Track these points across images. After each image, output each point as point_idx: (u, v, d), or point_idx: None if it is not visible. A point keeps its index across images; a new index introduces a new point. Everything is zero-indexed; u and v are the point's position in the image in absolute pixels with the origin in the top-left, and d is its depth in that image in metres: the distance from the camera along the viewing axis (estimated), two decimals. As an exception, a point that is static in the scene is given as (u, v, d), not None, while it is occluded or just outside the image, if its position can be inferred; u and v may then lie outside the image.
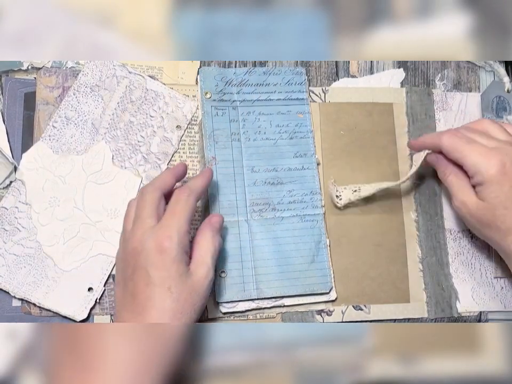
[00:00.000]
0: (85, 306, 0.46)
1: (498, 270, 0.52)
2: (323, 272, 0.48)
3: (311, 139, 0.51)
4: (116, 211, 0.48)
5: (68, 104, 0.49)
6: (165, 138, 0.50)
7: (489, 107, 0.55)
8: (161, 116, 0.50)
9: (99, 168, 0.48)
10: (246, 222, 0.49)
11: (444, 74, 0.56)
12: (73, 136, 0.48)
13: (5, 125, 0.47)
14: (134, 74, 0.50)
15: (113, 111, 0.49)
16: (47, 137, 0.48)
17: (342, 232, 0.51)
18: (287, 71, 0.52)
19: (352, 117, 0.53)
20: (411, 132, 0.53)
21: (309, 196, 0.50)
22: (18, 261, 0.46)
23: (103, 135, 0.49)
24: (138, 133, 0.49)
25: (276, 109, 0.51)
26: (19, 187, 0.47)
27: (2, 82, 0.48)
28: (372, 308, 0.49)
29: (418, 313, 0.50)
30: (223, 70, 0.51)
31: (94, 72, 0.49)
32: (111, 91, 0.49)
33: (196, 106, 0.51)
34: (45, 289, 0.45)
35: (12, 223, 0.46)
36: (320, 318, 0.49)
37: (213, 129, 0.50)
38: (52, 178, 0.47)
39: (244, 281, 0.47)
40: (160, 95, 0.50)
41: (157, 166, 0.49)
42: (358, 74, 0.55)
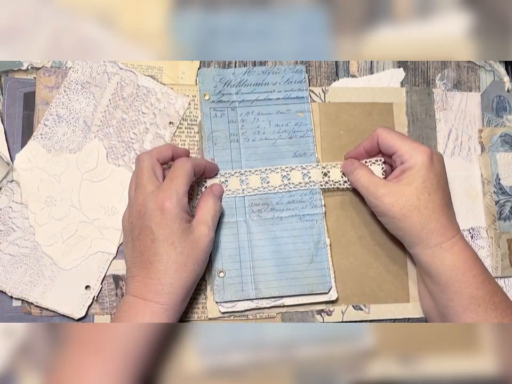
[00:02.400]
0: (82, 304, 0.46)
1: (498, 270, 0.51)
2: (322, 272, 0.48)
3: (311, 138, 0.51)
4: (113, 208, 0.48)
5: (59, 102, 0.49)
6: (157, 135, 0.50)
7: (489, 106, 0.55)
8: (154, 112, 0.50)
9: (94, 166, 0.48)
10: (244, 222, 0.49)
11: (444, 74, 0.56)
12: (65, 134, 0.48)
13: (3, 125, 0.47)
14: (125, 71, 0.50)
15: (105, 108, 0.49)
16: (39, 135, 0.48)
17: (342, 232, 0.50)
18: (286, 70, 0.52)
19: (351, 117, 0.53)
20: (411, 132, 0.53)
21: (308, 196, 0.50)
22: (14, 260, 0.46)
23: (96, 132, 0.49)
24: (130, 130, 0.49)
25: (275, 108, 0.51)
26: (12, 187, 0.47)
27: (1, 82, 0.48)
28: (371, 307, 0.49)
29: (418, 313, 0.50)
30: (222, 71, 0.51)
31: (84, 69, 0.49)
32: (102, 88, 0.49)
33: (188, 102, 0.51)
34: (42, 288, 0.46)
35: (6, 223, 0.46)
36: (320, 318, 0.49)
37: (212, 130, 0.50)
38: (47, 177, 0.47)
39: (242, 281, 0.47)
40: (152, 91, 0.50)
41: (150, 163, 0.49)
42: (358, 74, 0.55)
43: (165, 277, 0.40)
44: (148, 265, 0.40)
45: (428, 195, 0.44)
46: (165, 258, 0.40)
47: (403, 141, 0.46)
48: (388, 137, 0.46)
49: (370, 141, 0.48)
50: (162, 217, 0.40)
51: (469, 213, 0.53)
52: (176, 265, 0.40)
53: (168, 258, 0.40)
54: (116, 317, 0.41)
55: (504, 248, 0.52)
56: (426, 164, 0.44)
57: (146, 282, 0.40)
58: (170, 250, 0.40)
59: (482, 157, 0.54)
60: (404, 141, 0.46)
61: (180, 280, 0.40)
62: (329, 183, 0.50)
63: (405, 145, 0.45)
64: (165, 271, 0.40)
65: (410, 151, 0.45)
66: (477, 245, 0.52)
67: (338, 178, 0.50)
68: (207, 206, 0.45)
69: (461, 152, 0.54)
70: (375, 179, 0.46)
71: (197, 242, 0.42)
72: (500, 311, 0.43)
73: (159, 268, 0.40)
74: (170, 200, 0.41)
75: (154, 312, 0.40)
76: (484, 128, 0.54)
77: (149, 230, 0.41)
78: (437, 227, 0.44)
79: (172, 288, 0.40)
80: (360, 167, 0.47)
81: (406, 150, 0.45)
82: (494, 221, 0.52)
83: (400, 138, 0.46)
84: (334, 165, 0.50)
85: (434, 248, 0.44)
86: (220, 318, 0.48)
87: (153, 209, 0.41)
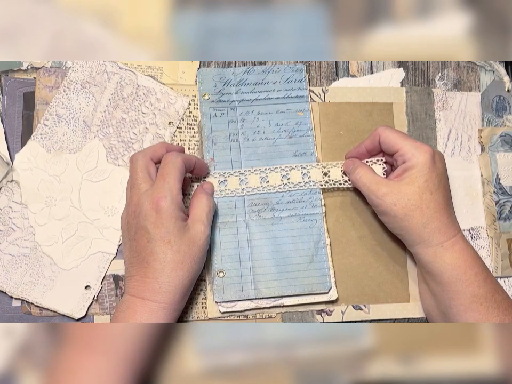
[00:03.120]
0: (82, 304, 0.46)
1: (498, 269, 0.51)
2: (322, 272, 0.48)
3: (311, 137, 0.51)
4: (113, 208, 0.48)
5: (59, 101, 0.49)
6: (157, 135, 0.50)
7: (489, 106, 0.55)
8: (153, 112, 0.50)
9: (94, 166, 0.48)
10: (244, 222, 0.48)
11: (444, 74, 0.56)
12: (65, 134, 0.48)
13: (3, 125, 0.47)
14: (125, 70, 0.50)
15: (104, 108, 0.49)
16: (39, 135, 0.48)
17: (342, 232, 0.50)
18: (286, 69, 0.52)
19: (351, 117, 0.53)
20: (411, 132, 0.53)
21: (308, 195, 0.49)
22: (14, 261, 0.46)
23: (95, 132, 0.49)
24: (130, 130, 0.49)
25: (275, 108, 0.51)
26: (12, 187, 0.47)
27: (1, 82, 0.48)
28: (371, 307, 0.49)
29: (418, 313, 0.50)
30: (222, 70, 0.51)
31: (84, 69, 0.49)
32: (101, 87, 0.49)
33: (187, 102, 0.51)
34: (42, 288, 0.46)
35: (6, 223, 0.46)
36: (320, 318, 0.49)
37: (212, 130, 0.50)
38: (47, 178, 0.47)
39: (242, 281, 0.47)
40: (152, 91, 0.50)
41: (150, 163, 0.49)
42: (358, 74, 0.55)
43: (162, 275, 0.40)
44: (145, 264, 0.41)
45: (430, 194, 0.44)
46: (162, 257, 0.40)
47: (405, 140, 0.46)
48: (389, 136, 0.46)
49: (372, 139, 0.48)
50: (157, 217, 0.40)
51: (469, 213, 0.53)
52: (173, 264, 0.40)
53: (164, 257, 0.40)
54: (114, 316, 0.41)
55: (504, 248, 0.52)
56: (428, 163, 0.44)
57: (143, 281, 0.40)
58: (167, 249, 0.40)
59: (482, 157, 0.54)
60: (406, 140, 0.46)
61: (177, 279, 0.41)
62: (329, 183, 0.50)
63: (407, 144, 0.45)
64: (162, 270, 0.40)
65: (412, 150, 0.45)
66: (477, 245, 0.52)
67: (339, 178, 0.50)
68: (201, 204, 0.45)
69: (461, 152, 0.54)
70: (376, 178, 0.46)
71: (193, 240, 0.42)
72: (501, 309, 0.43)
73: (156, 267, 0.40)
74: (165, 199, 0.41)
75: (152, 311, 0.40)
76: (484, 128, 0.54)
77: (145, 229, 0.41)
78: (438, 226, 0.44)
79: (169, 287, 0.40)
80: (361, 166, 0.47)
81: (408, 149, 0.45)
82: (494, 221, 0.52)
83: (402, 137, 0.46)
84: (335, 165, 0.50)
85: (436, 247, 0.44)
86: (219, 318, 0.48)
87: (148, 209, 0.41)
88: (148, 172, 0.43)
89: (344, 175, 0.50)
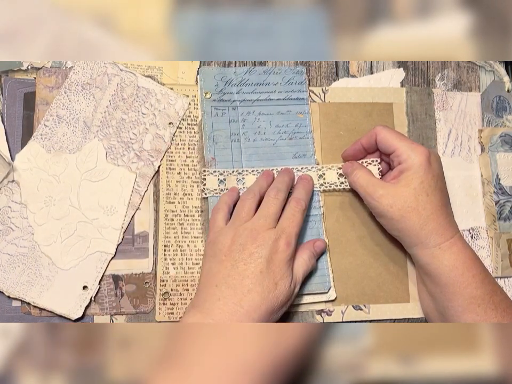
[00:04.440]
0: (80, 304, 0.46)
1: (498, 270, 0.51)
2: (321, 272, 0.48)
3: (311, 139, 0.51)
4: (112, 208, 0.48)
5: (59, 102, 0.49)
6: (157, 135, 0.50)
7: (489, 107, 0.55)
8: (153, 113, 0.50)
9: (93, 166, 0.48)
10: (245, 222, 0.49)
11: (444, 74, 0.56)
12: (65, 134, 0.48)
13: (4, 125, 0.47)
14: (125, 72, 0.50)
15: (105, 109, 0.49)
16: (39, 136, 0.48)
17: (342, 232, 0.50)
18: (287, 70, 0.52)
19: (351, 117, 0.53)
20: (411, 132, 0.53)
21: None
22: (12, 260, 0.46)
23: (95, 133, 0.49)
24: (130, 130, 0.49)
25: (275, 109, 0.51)
26: (12, 186, 0.47)
27: (2, 82, 0.48)
28: (371, 307, 0.49)
29: (418, 313, 0.50)
30: (223, 70, 0.51)
31: (85, 70, 0.49)
32: (102, 89, 0.49)
33: (187, 103, 0.51)
34: (39, 288, 0.46)
35: (5, 223, 0.46)
36: (320, 318, 0.49)
37: (213, 129, 0.50)
38: (46, 177, 0.47)
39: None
40: (152, 92, 0.50)
41: (149, 163, 0.49)
42: (358, 74, 0.55)
43: (256, 311, 0.39)
44: (246, 292, 0.39)
45: (426, 196, 0.44)
46: (266, 295, 0.40)
47: (401, 141, 0.45)
48: (386, 136, 0.46)
49: (369, 138, 0.48)
50: (281, 256, 0.41)
51: (469, 213, 0.53)
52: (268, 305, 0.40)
53: (268, 295, 0.40)
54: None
55: (504, 248, 0.52)
56: (424, 165, 0.44)
57: (235, 311, 0.39)
58: (272, 290, 0.40)
59: (482, 157, 0.54)
60: (402, 141, 0.46)
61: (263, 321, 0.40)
62: (324, 185, 0.50)
63: (403, 146, 0.45)
64: (259, 307, 0.39)
65: (408, 151, 0.45)
66: (477, 245, 0.52)
67: (334, 180, 0.50)
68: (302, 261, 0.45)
69: (461, 152, 0.54)
70: (373, 180, 0.46)
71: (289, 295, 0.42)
72: (499, 310, 0.43)
73: (256, 299, 0.39)
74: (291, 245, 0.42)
75: None
76: (484, 128, 0.54)
77: (265, 260, 0.40)
78: (435, 228, 0.44)
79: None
80: (359, 168, 0.47)
81: (403, 150, 0.45)
82: (494, 221, 0.52)
83: (398, 138, 0.46)
84: (330, 167, 0.50)
85: (433, 249, 0.44)
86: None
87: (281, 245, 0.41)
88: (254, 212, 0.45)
89: (340, 177, 0.50)
